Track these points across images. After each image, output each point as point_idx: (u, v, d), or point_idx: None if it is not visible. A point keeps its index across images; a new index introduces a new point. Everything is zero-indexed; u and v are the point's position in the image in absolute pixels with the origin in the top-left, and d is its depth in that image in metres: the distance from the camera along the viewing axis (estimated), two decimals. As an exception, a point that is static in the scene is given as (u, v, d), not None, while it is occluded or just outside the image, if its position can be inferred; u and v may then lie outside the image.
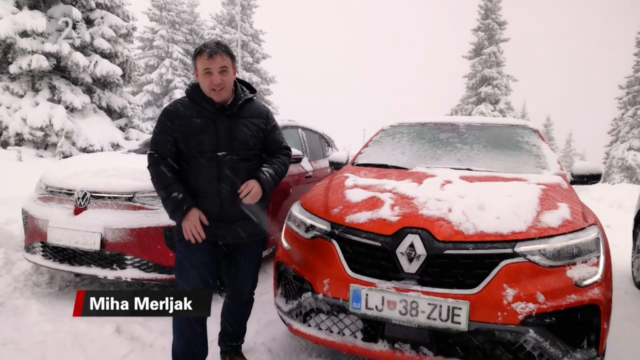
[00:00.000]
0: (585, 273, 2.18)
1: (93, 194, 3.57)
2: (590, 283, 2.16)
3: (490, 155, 3.50)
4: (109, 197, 3.55)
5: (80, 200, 3.57)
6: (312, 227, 2.56)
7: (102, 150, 10.84)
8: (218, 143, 2.32)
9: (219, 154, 2.31)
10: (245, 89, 2.53)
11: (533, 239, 2.19)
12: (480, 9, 34.63)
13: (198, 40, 38.45)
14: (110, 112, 12.49)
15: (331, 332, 2.38)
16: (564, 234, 2.25)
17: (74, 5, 11.34)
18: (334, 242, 2.41)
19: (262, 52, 39.03)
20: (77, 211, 3.56)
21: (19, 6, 10.62)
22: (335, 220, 2.48)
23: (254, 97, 2.53)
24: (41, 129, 9.90)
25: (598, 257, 2.27)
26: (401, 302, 2.15)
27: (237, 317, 2.67)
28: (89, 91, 11.87)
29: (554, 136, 69.63)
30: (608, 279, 2.26)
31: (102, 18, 11.86)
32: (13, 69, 10.60)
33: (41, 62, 10.14)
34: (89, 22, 11.87)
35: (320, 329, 2.42)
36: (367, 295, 2.21)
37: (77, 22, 11.33)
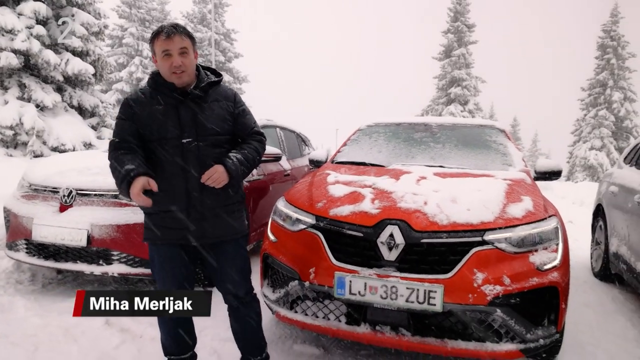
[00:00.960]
0: (546, 258, 2.41)
1: (79, 192, 3.65)
2: (550, 267, 2.40)
3: (461, 153, 3.73)
4: (95, 195, 3.63)
5: (66, 197, 3.64)
6: (297, 220, 2.73)
7: (74, 149, 10.73)
8: (182, 129, 2.16)
9: (184, 141, 2.15)
10: (209, 73, 2.37)
11: (500, 228, 2.41)
12: (449, 11, 35.34)
13: (168, 39, 38.07)
14: (81, 111, 12.34)
15: (317, 317, 2.56)
16: (527, 223, 2.48)
17: (44, 2, 11.19)
18: (319, 233, 2.58)
19: (234, 51, 38.85)
20: (63, 208, 3.63)
21: (-14, 3, 10.45)
22: (320, 214, 2.65)
23: (220, 81, 2.36)
24: (11, 127, 9.74)
25: (557, 245, 2.51)
26: (382, 287, 2.34)
27: (242, 325, 2.44)
28: (59, 90, 11.71)
29: (520, 136, 71.24)
30: (566, 263, 2.50)
31: (73, 15, 11.72)
32: (-20, 66, 10.36)
33: (10, 60, 9.97)
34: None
35: (306, 314, 2.59)
36: (350, 281, 2.39)
37: (48, 19, 11.19)
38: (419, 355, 2.86)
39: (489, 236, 2.38)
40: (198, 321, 2.54)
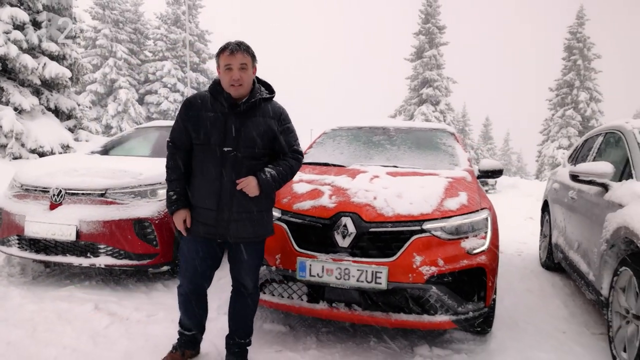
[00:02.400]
0: (475, 244, 2.87)
1: (68, 191, 3.99)
2: (478, 252, 2.86)
3: (414, 154, 4.18)
4: (83, 194, 3.97)
5: (56, 196, 3.97)
6: (265, 214, 3.13)
7: (52, 151, 10.91)
8: (225, 138, 2.41)
9: (225, 149, 2.40)
10: (263, 89, 2.59)
11: (436, 219, 2.86)
12: (420, 13, 36.08)
13: (142, 39, 37.95)
14: (58, 113, 12.48)
15: (282, 297, 2.97)
16: (461, 215, 2.94)
17: (20, 7, 11.33)
18: (284, 225, 3.00)
19: (208, 52, 38.90)
20: (53, 206, 3.96)
21: (-37, 7, 10.56)
22: (285, 208, 3.06)
23: (272, 98, 2.61)
24: (-10, 130, 9.93)
25: (486, 233, 2.97)
26: (337, 269, 2.76)
27: (242, 310, 2.70)
28: (36, 93, 11.84)
29: (493, 135, 72.45)
30: (493, 248, 2.96)
31: (49, 20, 11.89)
32: (-43, 70, 10.45)
33: (-12, 64, 10.16)
34: (36, 25, 11.87)
35: (273, 295, 3.00)
36: (310, 265, 2.80)
37: (25, 24, 11.33)
38: (372, 329, 3.29)
39: (427, 225, 2.83)
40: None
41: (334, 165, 3.94)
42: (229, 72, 2.41)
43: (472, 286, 2.85)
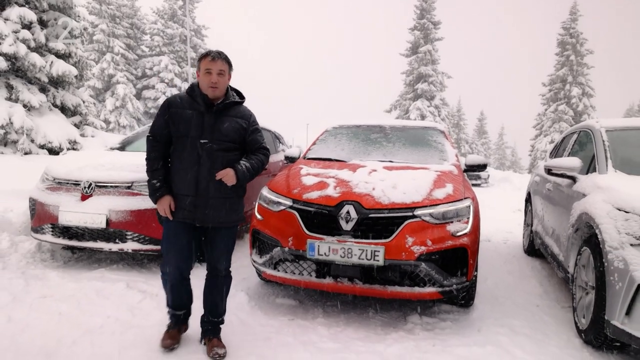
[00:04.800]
0: (459, 228, 3.36)
1: (97, 184, 4.45)
2: (461, 234, 3.35)
3: (407, 150, 4.67)
4: (112, 186, 4.44)
5: (87, 189, 4.44)
6: (278, 203, 3.62)
7: (60, 146, 11.33)
8: (202, 132, 2.73)
9: (202, 140, 2.72)
10: (235, 95, 2.95)
11: (426, 206, 3.35)
12: (416, 8, 36.50)
13: (139, 34, 38.22)
14: (64, 110, 12.90)
15: (294, 273, 3.45)
16: (447, 203, 3.43)
17: (27, 6, 11.71)
18: (295, 212, 3.48)
19: (205, 47, 39.13)
20: (84, 198, 4.42)
21: (-26, 8, 10.95)
22: (296, 197, 3.55)
23: (242, 102, 2.96)
24: (2, 127, 10.31)
25: (468, 218, 3.46)
26: (341, 249, 3.25)
27: (215, 291, 2.96)
28: (43, 90, 12.24)
29: (487, 130, 72.97)
30: (474, 232, 3.44)
31: (55, 19, 12.27)
32: (-30, 69, 10.87)
33: (-1, 63, 10.57)
34: (43, 24, 12.25)
35: (286, 272, 3.49)
36: (318, 246, 3.29)
37: (32, 23, 11.71)
38: (370, 303, 3.79)
39: (417, 212, 3.32)
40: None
41: (337, 160, 4.42)
42: (208, 76, 2.74)
43: (455, 263, 3.34)
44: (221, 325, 3.04)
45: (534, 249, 5.74)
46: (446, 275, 3.30)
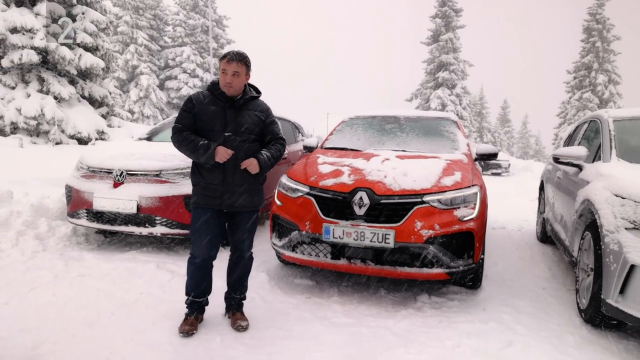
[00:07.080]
0: (466, 213, 3.57)
1: (128, 172, 4.77)
2: (468, 219, 3.55)
3: (420, 140, 4.87)
4: (142, 174, 4.75)
5: (119, 176, 4.76)
6: (297, 190, 3.87)
7: (89, 137, 11.78)
8: (226, 125, 2.97)
9: (226, 133, 2.96)
10: (252, 90, 3.18)
11: (434, 192, 3.57)
12: (437, -4, 36.18)
13: (162, 25, 38.75)
14: (92, 101, 13.37)
15: (311, 255, 3.71)
16: (454, 189, 3.64)
17: (55, 1, 12.13)
18: (312, 198, 3.73)
19: (226, 38, 39.50)
20: (116, 185, 4.75)
21: (6, 4, 11.39)
22: (313, 185, 3.80)
23: (259, 97, 3.19)
24: (34, 118, 10.79)
25: (475, 204, 3.66)
26: (354, 232, 3.49)
27: (238, 271, 3.21)
28: (72, 82, 12.71)
29: (510, 118, 72.01)
30: (480, 217, 3.65)
31: (83, 13, 12.67)
32: (5, 62, 11.40)
33: (31, 57, 10.99)
34: (71, 17, 12.67)
35: (303, 254, 3.75)
36: (333, 229, 3.54)
37: (61, 17, 12.13)
38: (382, 283, 4.03)
39: (426, 198, 3.54)
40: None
41: (352, 150, 4.65)
42: (224, 76, 2.96)
43: (462, 246, 3.56)
44: (244, 301, 3.30)
45: (546, 235, 5.90)
46: (453, 257, 3.52)
